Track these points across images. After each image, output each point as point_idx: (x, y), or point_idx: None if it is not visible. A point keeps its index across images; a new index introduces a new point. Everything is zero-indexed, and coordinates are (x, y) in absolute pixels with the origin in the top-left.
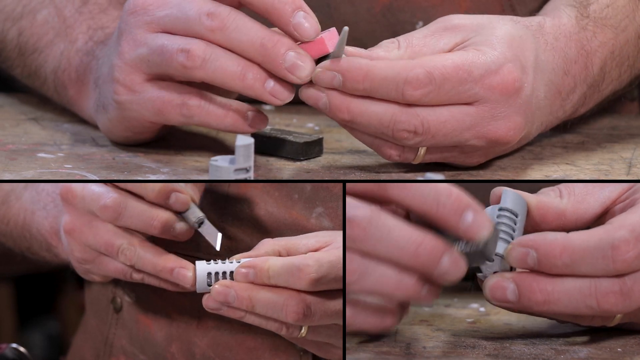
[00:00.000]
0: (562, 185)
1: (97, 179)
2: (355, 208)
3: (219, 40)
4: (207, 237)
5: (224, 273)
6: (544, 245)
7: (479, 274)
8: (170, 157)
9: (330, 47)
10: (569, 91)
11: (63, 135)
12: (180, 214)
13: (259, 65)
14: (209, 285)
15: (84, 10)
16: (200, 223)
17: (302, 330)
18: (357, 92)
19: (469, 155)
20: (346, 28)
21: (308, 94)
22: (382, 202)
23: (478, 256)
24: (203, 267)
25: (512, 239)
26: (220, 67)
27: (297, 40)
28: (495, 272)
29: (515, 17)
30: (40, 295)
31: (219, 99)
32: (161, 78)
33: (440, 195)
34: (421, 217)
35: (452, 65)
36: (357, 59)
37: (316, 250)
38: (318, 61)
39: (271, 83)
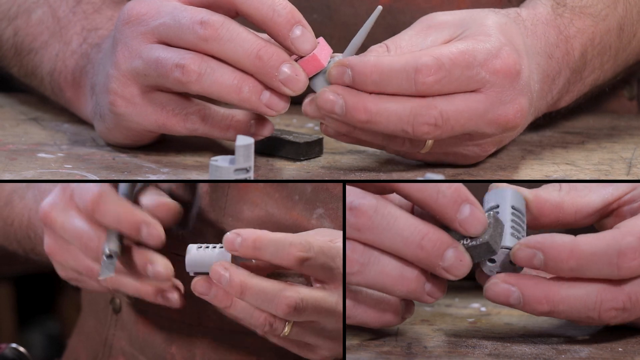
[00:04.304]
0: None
1: (97, 179)
2: (362, 197)
3: (212, 50)
4: (103, 267)
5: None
6: (552, 248)
7: (483, 268)
8: (170, 157)
9: (324, 61)
10: (555, 75)
11: (63, 135)
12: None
13: (253, 76)
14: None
15: (78, 10)
16: (109, 257)
17: (286, 329)
18: (367, 86)
19: (478, 144)
20: (378, 9)
21: (324, 99)
22: (384, 191)
23: (483, 252)
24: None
25: (522, 236)
26: (215, 81)
27: (293, 54)
28: (498, 272)
29: (493, 9)
30: (40, 295)
31: (222, 110)
32: (159, 89)
33: (441, 185)
34: (421, 207)
35: (457, 51)
36: (363, 55)
37: None
38: (313, 77)
39: (267, 95)
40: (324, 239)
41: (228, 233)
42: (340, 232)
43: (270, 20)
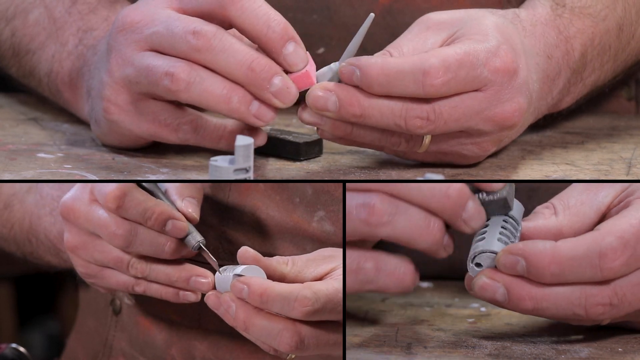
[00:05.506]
0: (555, 200)
1: (97, 179)
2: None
3: (204, 60)
4: (208, 259)
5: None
6: (533, 255)
7: (470, 272)
8: (170, 157)
9: (314, 78)
10: (555, 75)
11: (62, 135)
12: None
13: (242, 87)
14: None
15: (73, 11)
16: (198, 248)
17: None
18: (373, 88)
19: (476, 143)
20: (372, 15)
21: (316, 95)
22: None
23: (499, 207)
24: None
25: (512, 242)
26: (205, 90)
27: (285, 69)
28: (482, 268)
29: (490, 9)
30: (40, 295)
31: (214, 121)
32: (152, 97)
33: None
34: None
35: (462, 52)
36: (371, 57)
37: (320, 279)
38: (302, 92)
39: (255, 105)
40: (331, 286)
41: (236, 282)
42: (340, 250)
43: (265, 36)
